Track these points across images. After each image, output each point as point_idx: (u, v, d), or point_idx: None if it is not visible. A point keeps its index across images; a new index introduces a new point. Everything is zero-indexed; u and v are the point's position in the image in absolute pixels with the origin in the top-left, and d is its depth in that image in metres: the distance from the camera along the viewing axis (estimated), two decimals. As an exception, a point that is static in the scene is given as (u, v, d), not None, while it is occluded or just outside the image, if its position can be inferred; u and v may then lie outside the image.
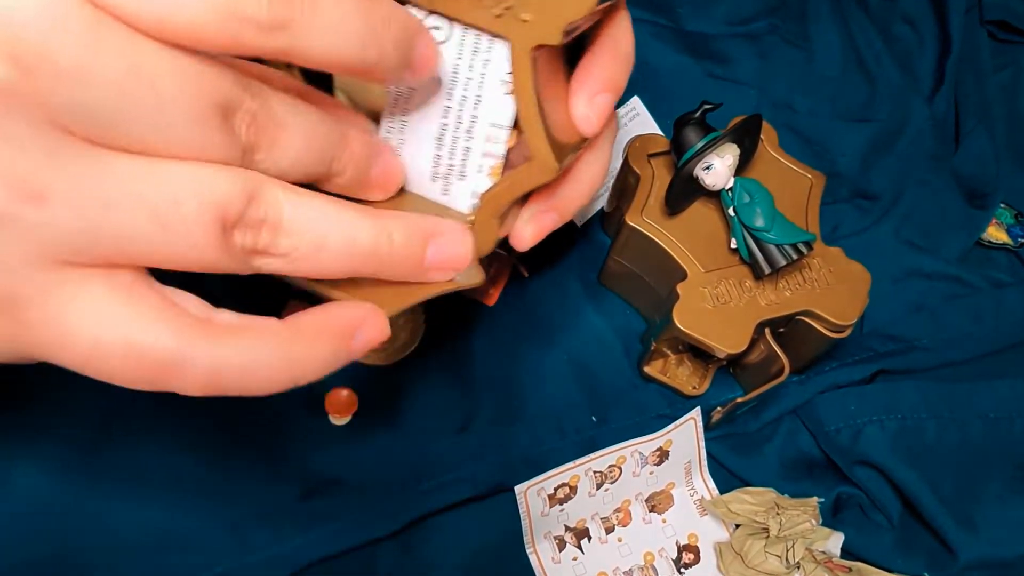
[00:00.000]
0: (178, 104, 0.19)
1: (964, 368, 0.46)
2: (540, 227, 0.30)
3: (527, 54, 0.25)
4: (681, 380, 0.44)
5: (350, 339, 0.24)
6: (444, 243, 0.26)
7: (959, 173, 0.52)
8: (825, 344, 0.41)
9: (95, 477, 0.38)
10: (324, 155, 0.23)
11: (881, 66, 0.55)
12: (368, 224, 0.23)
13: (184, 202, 0.19)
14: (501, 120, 0.27)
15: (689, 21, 0.54)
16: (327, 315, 0.24)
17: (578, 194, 0.31)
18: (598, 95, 0.28)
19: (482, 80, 0.26)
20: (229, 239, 0.20)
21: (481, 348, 0.44)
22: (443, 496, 0.40)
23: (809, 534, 0.40)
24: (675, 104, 0.43)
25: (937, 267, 0.49)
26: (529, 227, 0.30)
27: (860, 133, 0.53)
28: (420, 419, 0.42)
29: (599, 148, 0.31)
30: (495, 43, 0.25)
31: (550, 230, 0.31)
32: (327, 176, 0.24)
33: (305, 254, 0.22)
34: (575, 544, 0.41)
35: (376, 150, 0.26)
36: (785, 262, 0.38)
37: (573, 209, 0.31)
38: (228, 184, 0.20)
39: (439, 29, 0.26)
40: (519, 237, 0.30)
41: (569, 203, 0.31)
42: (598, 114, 0.28)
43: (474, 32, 0.26)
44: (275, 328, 0.22)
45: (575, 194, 0.31)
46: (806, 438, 0.44)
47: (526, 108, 0.26)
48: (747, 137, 0.39)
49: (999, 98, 0.55)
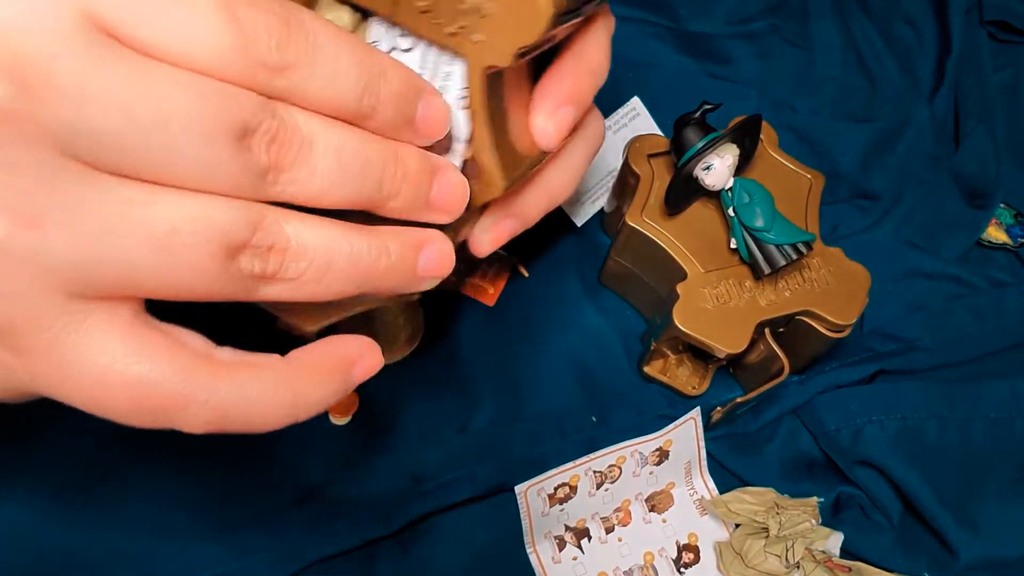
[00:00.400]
0: (188, 129, 0.18)
1: (964, 368, 0.46)
2: (498, 234, 0.30)
3: (479, 73, 0.25)
4: (681, 380, 0.44)
5: (349, 372, 0.24)
6: (434, 251, 0.25)
7: (959, 173, 0.52)
8: (825, 344, 0.41)
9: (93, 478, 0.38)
10: (368, 175, 0.22)
11: (882, 66, 0.55)
12: (369, 241, 0.23)
13: (185, 229, 0.19)
14: (458, 134, 0.27)
15: (690, 21, 0.54)
16: (326, 350, 0.24)
17: (539, 202, 0.31)
18: (559, 108, 0.28)
19: (443, 93, 0.26)
20: (234, 265, 0.20)
21: (481, 348, 0.44)
22: (443, 496, 0.40)
23: (809, 534, 0.40)
24: (675, 104, 0.43)
25: (937, 267, 0.49)
26: (487, 234, 0.30)
27: (860, 133, 0.53)
28: (420, 419, 0.42)
29: (566, 158, 0.31)
30: (456, 59, 0.25)
31: (509, 236, 0.31)
32: (378, 199, 0.23)
33: (313, 277, 0.22)
34: (575, 544, 0.41)
35: (435, 166, 0.25)
36: (785, 262, 0.38)
37: (533, 216, 0.31)
38: (232, 211, 0.20)
39: (405, 37, 0.26)
40: (477, 243, 0.30)
41: (529, 210, 0.31)
42: (557, 127, 0.28)
43: (437, 46, 0.26)
44: (277, 365, 0.22)
45: (536, 202, 0.31)
46: (806, 438, 0.44)
47: (477, 126, 0.26)
48: (747, 137, 0.39)
49: (999, 98, 0.55)
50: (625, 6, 0.52)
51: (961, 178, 0.52)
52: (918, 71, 0.55)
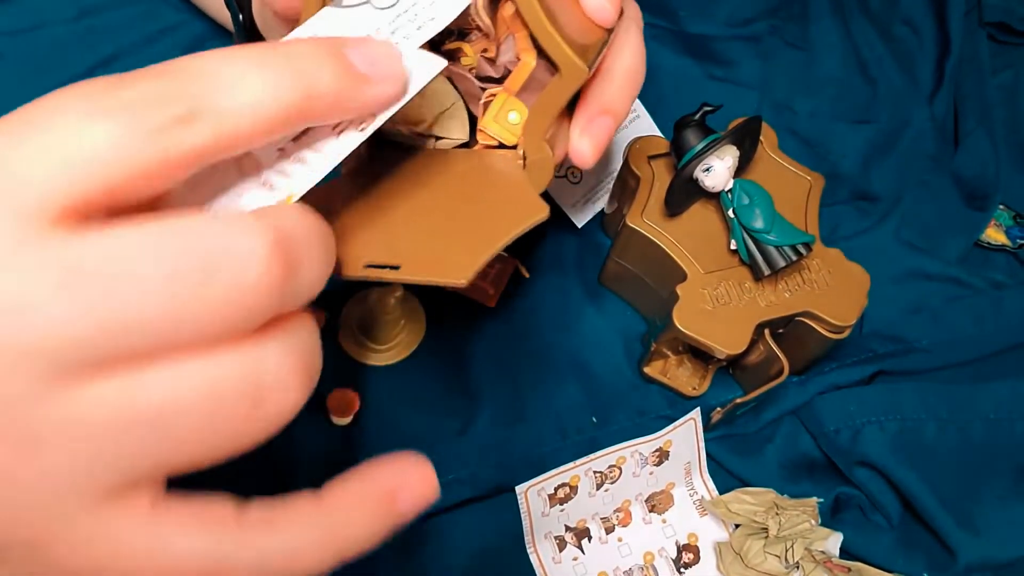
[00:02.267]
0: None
1: (964, 369, 0.46)
2: (597, 136, 0.29)
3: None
4: (681, 381, 0.44)
5: (395, 502, 0.22)
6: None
7: (958, 175, 0.53)
8: (824, 345, 0.41)
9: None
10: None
11: (882, 68, 0.55)
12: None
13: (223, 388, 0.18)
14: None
15: (690, 24, 0.54)
16: (363, 481, 0.22)
17: (621, 89, 0.30)
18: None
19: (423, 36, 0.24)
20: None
21: (482, 349, 0.44)
22: (444, 496, 0.39)
23: (808, 534, 0.40)
24: (675, 106, 0.43)
25: (936, 268, 0.49)
26: (585, 140, 0.29)
27: (860, 135, 0.53)
28: (421, 419, 0.42)
29: (626, 37, 0.30)
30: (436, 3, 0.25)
31: (608, 136, 0.30)
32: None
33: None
34: (575, 544, 0.41)
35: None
36: (784, 263, 0.38)
37: (624, 107, 0.30)
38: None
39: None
40: (578, 153, 0.29)
41: (616, 101, 0.30)
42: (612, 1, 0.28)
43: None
44: (311, 510, 0.21)
45: (619, 90, 0.30)
46: (806, 439, 0.44)
47: (535, 22, 0.26)
48: (747, 139, 0.40)
49: (999, 100, 0.55)
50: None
51: (960, 180, 0.52)
52: (918, 73, 0.55)
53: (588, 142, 0.29)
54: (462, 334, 0.44)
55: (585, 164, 0.29)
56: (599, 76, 0.30)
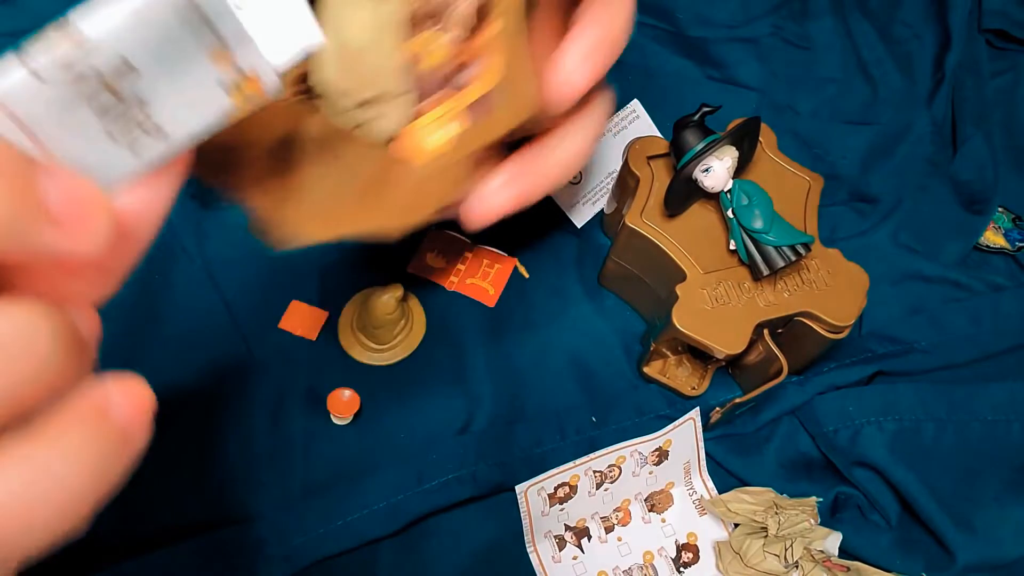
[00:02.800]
0: None
1: (962, 371, 0.46)
2: (509, 194, 0.28)
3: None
4: (680, 381, 0.44)
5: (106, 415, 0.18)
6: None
7: (957, 178, 0.53)
8: (823, 345, 0.41)
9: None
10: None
11: (882, 69, 0.55)
12: None
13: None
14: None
15: (690, 26, 0.54)
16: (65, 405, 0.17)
17: (560, 163, 0.28)
18: (593, 53, 0.27)
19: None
20: None
21: (481, 349, 0.44)
22: (444, 496, 0.40)
23: (808, 533, 0.40)
24: (675, 107, 0.43)
25: (935, 271, 0.49)
26: (503, 192, 0.28)
27: (860, 136, 0.53)
28: (421, 419, 0.42)
29: (587, 118, 0.29)
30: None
31: (521, 200, 0.28)
32: None
33: None
34: (575, 543, 0.41)
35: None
36: (783, 264, 0.38)
37: (553, 178, 0.29)
38: None
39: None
40: (486, 201, 0.27)
41: (550, 170, 0.28)
42: (589, 71, 0.27)
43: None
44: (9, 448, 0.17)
45: (557, 161, 0.28)
46: (804, 439, 0.44)
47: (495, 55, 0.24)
48: (746, 139, 0.40)
49: (997, 104, 0.55)
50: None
51: (959, 183, 0.53)
52: (918, 74, 0.55)
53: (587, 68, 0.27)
54: (462, 334, 0.45)
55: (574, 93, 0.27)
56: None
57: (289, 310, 0.44)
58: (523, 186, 0.28)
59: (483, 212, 0.28)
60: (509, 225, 0.47)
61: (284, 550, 0.38)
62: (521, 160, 0.28)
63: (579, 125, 0.29)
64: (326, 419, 0.41)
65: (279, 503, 0.39)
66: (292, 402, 0.42)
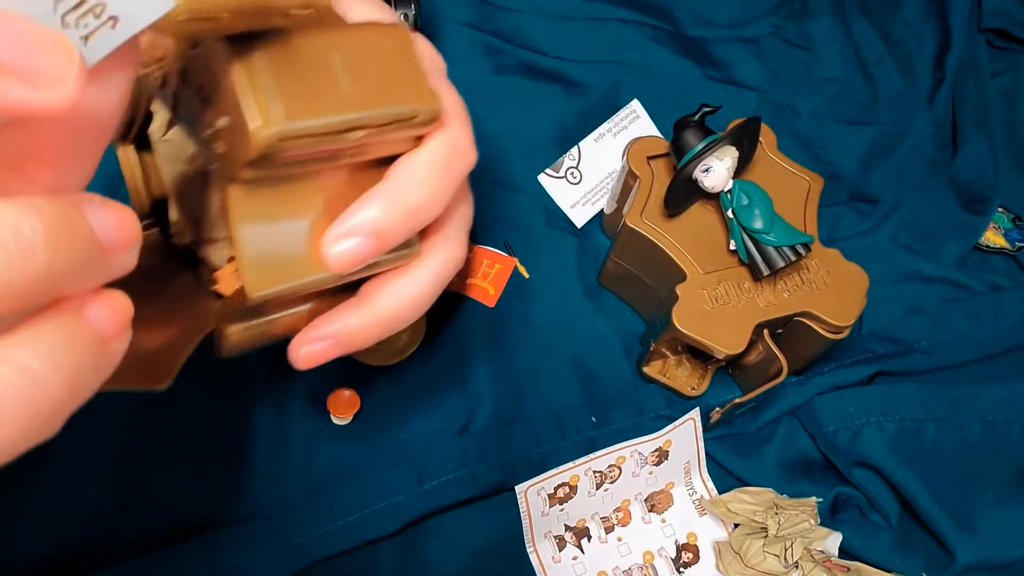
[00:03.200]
0: None
1: (962, 371, 0.46)
2: (313, 353, 0.28)
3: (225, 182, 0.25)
4: (680, 381, 0.44)
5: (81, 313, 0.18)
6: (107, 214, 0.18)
7: (957, 178, 0.53)
8: (823, 345, 0.41)
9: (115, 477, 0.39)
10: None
11: (882, 69, 0.55)
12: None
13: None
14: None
15: (690, 26, 0.54)
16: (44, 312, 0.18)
17: (371, 325, 0.29)
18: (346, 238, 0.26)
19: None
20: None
21: (481, 348, 0.44)
22: (444, 496, 0.40)
23: (807, 534, 0.40)
24: (675, 107, 0.43)
25: (935, 271, 0.49)
26: (304, 348, 0.29)
27: (860, 136, 0.53)
28: (421, 419, 0.42)
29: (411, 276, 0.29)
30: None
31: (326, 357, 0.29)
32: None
33: None
34: (575, 543, 0.41)
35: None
36: (783, 264, 0.38)
37: (359, 341, 0.29)
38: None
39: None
40: (293, 353, 0.29)
41: (356, 334, 0.28)
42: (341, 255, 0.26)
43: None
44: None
45: (366, 325, 0.29)
46: (804, 439, 0.44)
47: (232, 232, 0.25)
48: (746, 139, 0.40)
49: (997, 104, 0.55)
50: (625, 9, 0.53)
51: (959, 183, 0.53)
52: (918, 75, 0.55)
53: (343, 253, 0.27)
54: (462, 334, 0.45)
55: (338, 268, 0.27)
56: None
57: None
58: (339, 339, 0.29)
59: (298, 359, 0.29)
60: (509, 225, 0.47)
61: (284, 550, 0.38)
62: (338, 313, 0.28)
63: (404, 277, 0.29)
64: (326, 419, 0.41)
65: (279, 503, 0.39)
66: (292, 402, 0.42)
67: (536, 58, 0.51)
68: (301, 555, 0.38)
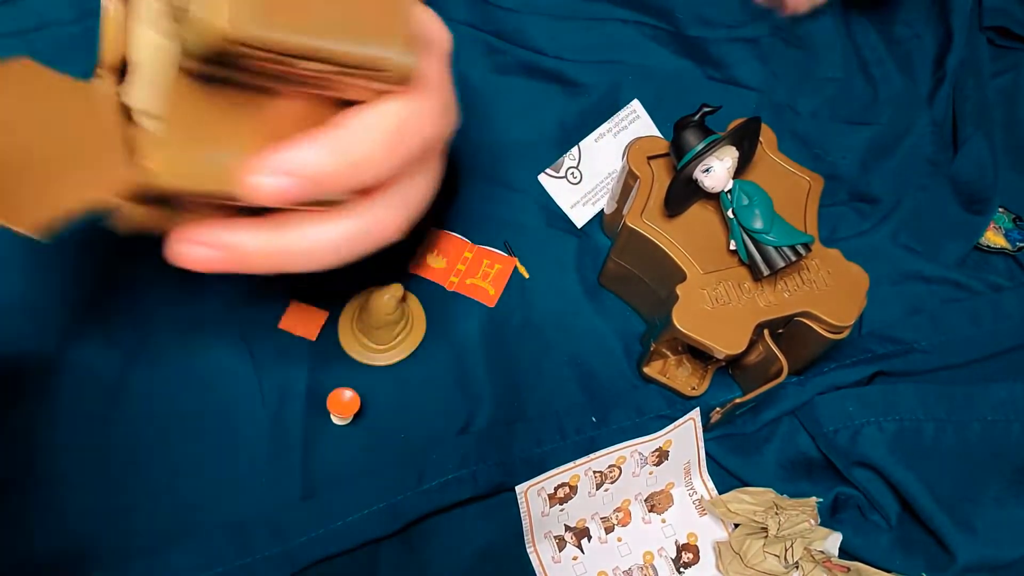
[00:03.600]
0: None
1: (962, 371, 0.46)
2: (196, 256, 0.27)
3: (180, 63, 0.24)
4: (680, 381, 0.44)
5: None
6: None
7: (957, 178, 0.53)
8: (823, 345, 0.41)
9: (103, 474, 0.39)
10: None
11: (882, 69, 0.55)
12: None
13: None
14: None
15: (690, 26, 0.54)
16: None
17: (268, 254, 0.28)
18: (273, 175, 0.25)
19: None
20: None
21: (481, 349, 0.44)
22: (444, 496, 0.40)
23: (808, 534, 0.40)
24: (675, 107, 0.43)
25: (935, 271, 0.49)
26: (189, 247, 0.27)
27: (860, 136, 0.53)
28: (421, 419, 0.42)
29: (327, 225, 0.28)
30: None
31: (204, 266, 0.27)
32: None
33: None
34: (575, 544, 0.41)
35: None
36: (784, 264, 0.38)
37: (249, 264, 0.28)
38: None
39: None
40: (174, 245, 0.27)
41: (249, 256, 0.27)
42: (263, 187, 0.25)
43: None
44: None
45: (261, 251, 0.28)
46: (804, 439, 0.44)
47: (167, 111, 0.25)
48: (746, 139, 0.40)
49: (997, 103, 0.55)
50: (625, 9, 0.53)
51: (959, 183, 0.53)
52: (918, 75, 0.55)
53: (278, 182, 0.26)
54: (462, 334, 0.44)
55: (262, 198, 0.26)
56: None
57: (289, 310, 0.44)
58: (231, 253, 0.27)
59: (179, 254, 0.27)
60: (509, 225, 0.47)
61: (284, 550, 0.38)
62: (237, 226, 0.27)
63: (320, 224, 0.28)
64: (326, 419, 0.41)
65: (279, 503, 0.39)
66: (292, 402, 0.42)
67: (536, 58, 0.51)
68: (301, 555, 0.38)
